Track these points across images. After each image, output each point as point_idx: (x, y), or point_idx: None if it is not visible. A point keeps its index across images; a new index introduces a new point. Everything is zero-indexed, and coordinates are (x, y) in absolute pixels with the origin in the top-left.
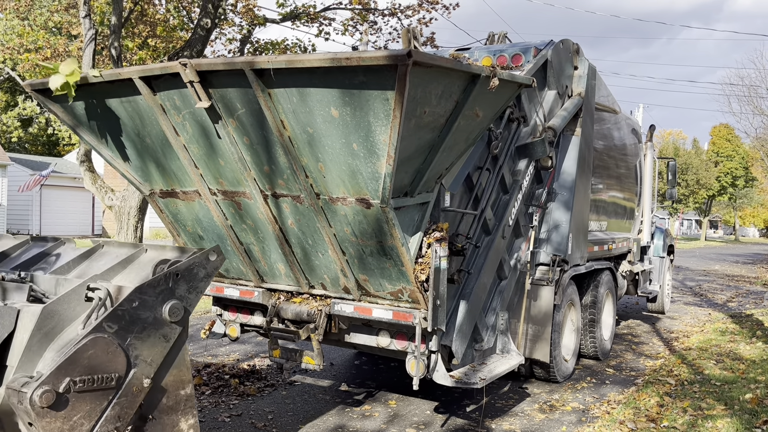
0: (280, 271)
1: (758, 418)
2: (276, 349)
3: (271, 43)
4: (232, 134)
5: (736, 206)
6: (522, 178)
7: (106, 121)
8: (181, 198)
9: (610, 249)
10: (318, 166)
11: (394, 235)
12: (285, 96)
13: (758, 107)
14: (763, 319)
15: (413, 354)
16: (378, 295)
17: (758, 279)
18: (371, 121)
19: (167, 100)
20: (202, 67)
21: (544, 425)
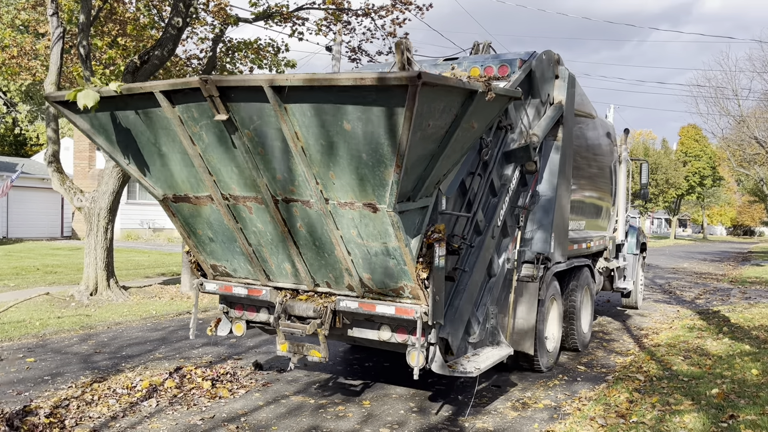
0: (286, 271)
1: (724, 412)
2: (283, 343)
3: (244, 43)
4: (247, 144)
5: (704, 205)
6: (509, 182)
7: (122, 130)
8: (193, 202)
9: (588, 247)
10: (329, 174)
11: (399, 236)
12: (300, 110)
13: (724, 108)
14: (730, 316)
15: (414, 346)
16: (380, 292)
17: (725, 276)
18: (381, 134)
19: (185, 112)
20: (222, 83)
21: (517, 423)
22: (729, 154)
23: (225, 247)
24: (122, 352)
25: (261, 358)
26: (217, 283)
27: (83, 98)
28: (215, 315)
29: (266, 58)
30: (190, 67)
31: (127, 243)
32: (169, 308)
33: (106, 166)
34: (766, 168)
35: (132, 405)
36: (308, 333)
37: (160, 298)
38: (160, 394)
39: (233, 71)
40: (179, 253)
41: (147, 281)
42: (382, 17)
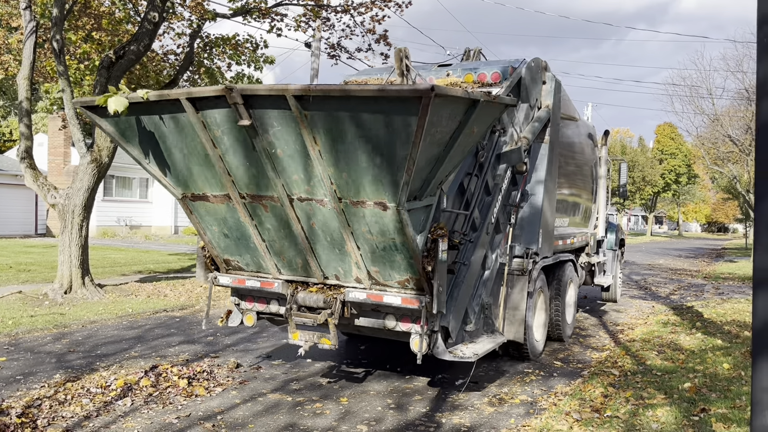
0: (297, 265)
1: (696, 406)
2: (295, 332)
3: (222, 39)
4: (266, 147)
5: (680, 202)
6: (501, 182)
7: (146, 133)
8: (211, 201)
9: (572, 243)
10: (343, 175)
11: (407, 232)
12: (319, 117)
13: (699, 107)
14: (703, 311)
15: (418, 333)
16: (386, 284)
17: (699, 272)
18: (395, 140)
19: (209, 118)
20: (246, 92)
21: (493, 418)
22: (703, 152)
23: (238, 243)
24: (97, 350)
25: (239, 357)
26: (230, 276)
27: (114, 104)
28: (194, 312)
29: (244, 54)
30: (167, 62)
31: (103, 240)
32: (145, 306)
33: (81, 162)
34: (740, 166)
35: (106, 404)
36: (319, 322)
37: (136, 296)
38: (135, 393)
39: (211, 67)
40: (156, 251)
41: (123, 279)
42: (361, 14)
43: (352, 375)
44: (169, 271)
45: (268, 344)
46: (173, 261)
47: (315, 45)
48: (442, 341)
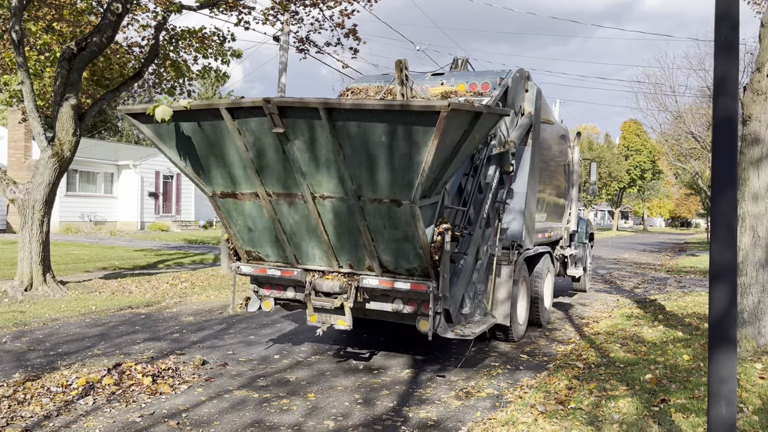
0: (315, 255)
1: (656, 397)
2: (313, 315)
3: (188, 31)
4: (295, 152)
5: (645, 198)
6: (492, 182)
7: (184, 138)
8: (239, 198)
9: (549, 236)
10: (364, 176)
11: (418, 226)
12: (347, 126)
13: (663, 104)
14: (665, 304)
15: (424, 315)
16: (395, 272)
17: (662, 266)
18: (412, 147)
19: (244, 125)
20: (282, 103)
21: (460, 412)
22: (667, 148)
23: (261, 236)
24: (58, 349)
25: (205, 353)
26: (252, 266)
27: (161, 113)
28: (160, 308)
29: (211, 48)
30: (132, 55)
31: (66, 236)
32: (110, 303)
33: (42, 156)
34: (702, 162)
35: (67, 403)
36: (336, 306)
37: (100, 293)
38: (98, 391)
39: (177, 60)
40: (122, 247)
41: (87, 276)
42: (330, 8)
43: (320, 371)
44: (135, 267)
45: (234, 341)
46: (139, 257)
47: (283, 39)
48: (445, 322)
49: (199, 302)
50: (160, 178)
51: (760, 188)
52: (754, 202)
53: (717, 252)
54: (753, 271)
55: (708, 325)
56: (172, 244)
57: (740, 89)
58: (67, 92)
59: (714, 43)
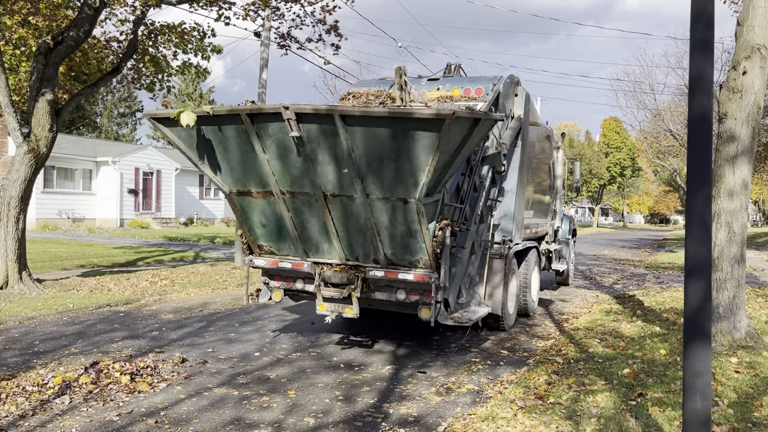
0: (324, 249)
1: (634, 391)
2: (323, 305)
3: (167, 26)
4: (309, 154)
5: (624, 194)
6: (485, 181)
7: (204, 140)
8: (254, 196)
9: (536, 232)
10: (373, 176)
11: (422, 222)
12: (359, 131)
13: (642, 102)
14: (644, 300)
15: (425, 304)
16: (399, 264)
17: (641, 262)
18: (419, 151)
19: (262, 129)
20: (299, 110)
21: (440, 407)
22: (646, 146)
23: (273, 232)
24: (34, 347)
25: (184, 351)
26: (265, 259)
27: (186, 118)
28: (140, 306)
29: (191, 43)
30: (110, 50)
31: (43, 234)
32: (87, 301)
33: (17, 152)
34: (680, 159)
35: (43, 403)
36: (344, 296)
37: (78, 291)
38: (75, 390)
39: (156, 55)
40: (101, 244)
41: (64, 273)
42: (311, 3)
43: (301, 368)
44: (114, 264)
45: (215, 338)
46: (118, 255)
47: (264, 35)
48: (444, 310)
49: (179, 300)
50: (139, 174)
51: (735, 185)
52: (729, 198)
53: (692, 248)
54: (728, 267)
55: (683, 319)
56: (152, 242)
57: (716, 87)
58: (43, 87)
59: (689, 42)
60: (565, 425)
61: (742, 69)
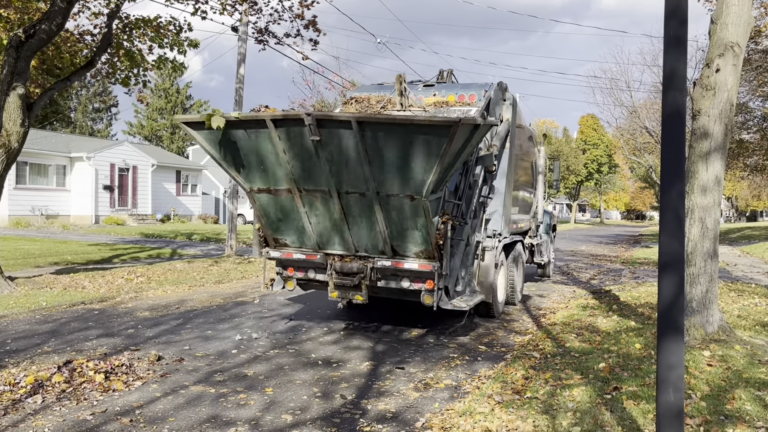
0: (335, 241)
1: (609, 385)
2: (334, 292)
3: (142, 20)
4: (327, 156)
5: (601, 191)
6: (478, 180)
7: (229, 142)
8: (273, 194)
9: (521, 227)
10: (384, 176)
11: (428, 216)
12: (374, 136)
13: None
14: (620, 295)
15: (427, 291)
16: (404, 255)
17: (618, 258)
18: (428, 153)
19: (284, 132)
20: (319, 116)
21: (418, 403)
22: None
23: (288, 226)
24: (6, 346)
25: (161, 349)
26: (280, 251)
27: (215, 122)
28: (115, 303)
29: (167, 37)
30: (84, 43)
31: (16, 231)
32: (61, 299)
33: None
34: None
35: (15, 402)
36: (354, 284)
37: (51, 289)
38: (47, 389)
39: (131, 49)
40: (75, 241)
41: (37, 271)
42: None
43: (279, 365)
44: (89, 262)
45: (191, 336)
46: (93, 252)
47: (242, 29)
48: (445, 296)
49: (156, 297)
50: (115, 170)
51: (709, 181)
52: (702, 194)
53: (666, 243)
54: (701, 262)
55: (657, 313)
56: (128, 238)
57: (690, 85)
58: (14, 81)
59: (664, 39)
60: (541, 419)
61: (716, 66)
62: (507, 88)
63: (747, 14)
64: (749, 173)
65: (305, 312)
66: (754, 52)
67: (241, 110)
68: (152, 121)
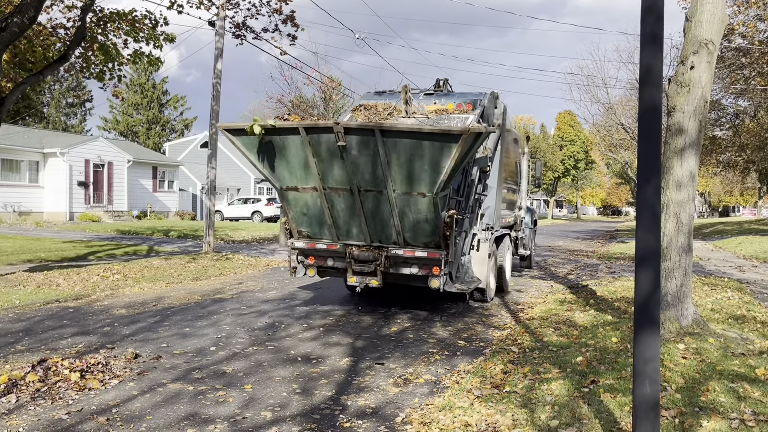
0: (353, 233)
1: (586, 378)
2: (353, 277)
3: (117, 14)
4: (350, 158)
5: (578, 187)
6: (475, 179)
7: (264, 146)
8: (300, 191)
9: (508, 222)
10: (399, 176)
11: (437, 212)
12: (392, 142)
13: (595, 96)
14: (596, 289)
15: (435, 276)
16: (414, 244)
17: (594, 253)
18: (438, 157)
19: (313, 138)
20: (347, 125)
21: (398, 398)
22: (599, 139)
23: (312, 219)
24: None
25: (138, 347)
26: (304, 241)
27: (256, 130)
28: (90, 301)
29: (143, 31)
30: (57, 37)
31: None
32: (35, 297)
33: None
34: (631, 152)
35: None
36: (370, 270)
37: (25, 287)
38: (21, 389)
39: (105, 43)
40: (49, 239)
41: (10, 269)
42: None
43: (258, 361)
44: (63, 259)
45: (169, 333)
46: (68, 249)
47: (219, 24)
48: (449, 280)
49: (132, 294)
50: (90, 166)
51: (683, 176)
52: (677, 189)
53: (642, 237)
54: (676, 256)
55: (634, 307)
56: (103, 235)
57: (666, 81)
58: None
59: (640, 35)
60: (520, 413)
61: (690, 64)
62: (498, 96)
63: (721, 12)
64: (722, 169)
65: (284, 309)
66: (727, 50)
67: (218, 104)
68: (128, 117)
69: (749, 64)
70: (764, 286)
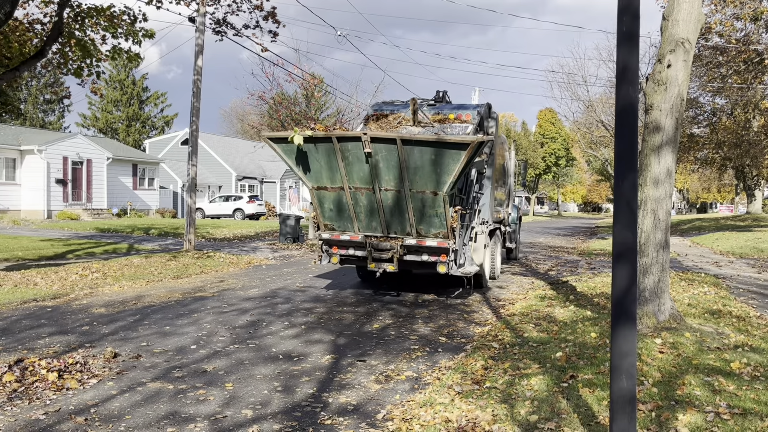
0: (372, 226)
1: (566, 373)
2: (372, 263)
3: (95, 9)
4: (374, 162)
5: (559, 184)
6: (474, 179)
7: (301, 152)
8: (329, 190)
9: (499, 217)
10: (415, 177)
11: (446, 207)
12: (411, 149)
13: (575, 93)
14: (576, 285)
15: (443, 262)
16: (425, 235)
17: (575, 249)
18: (450, 162)
19: (343, 146)
20: (373, 135)
21: (379, 395)
22: (579, 136)
23: (338, 214)
24: None
25: (117, 346)
26: (329, 233)
27: (297, 139)
28: (68, 300)
29: (121, 27)
30: (33, 32)
31: None
32: (12, 296)
33: None
34: (611, 150)
35: None
36: (388, 258)
37: (1, 286)
38: None
39: (83, 39)
40: (27, 237)
41: None
42: None
43: (239, 360)
44: (41, 258)
45: (149, 332)
46: (46, 247)
47: (199, 20)
48: (455, 266)
49: (112, 293)
50: (68, 164)
51: (660, 173)
52: (654, 186)
53: (619, 233)
54: (654, 252)
55: (611, 302)
56: (82, 234)
57: (643, 79)
58: None
59: (617, 33)
60: (500, 408)
61: (667, 62)
62: (491, 106)
63: (698, 11)
64: (699, 166)
65: (266, 306)
66: (704, 48)
67: (198, 101)
68: (107, 114)
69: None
70: (740, 282)
